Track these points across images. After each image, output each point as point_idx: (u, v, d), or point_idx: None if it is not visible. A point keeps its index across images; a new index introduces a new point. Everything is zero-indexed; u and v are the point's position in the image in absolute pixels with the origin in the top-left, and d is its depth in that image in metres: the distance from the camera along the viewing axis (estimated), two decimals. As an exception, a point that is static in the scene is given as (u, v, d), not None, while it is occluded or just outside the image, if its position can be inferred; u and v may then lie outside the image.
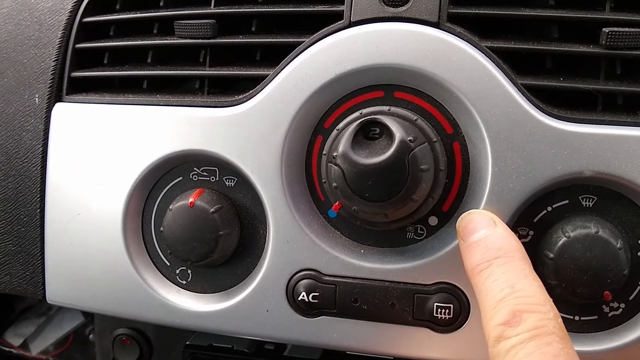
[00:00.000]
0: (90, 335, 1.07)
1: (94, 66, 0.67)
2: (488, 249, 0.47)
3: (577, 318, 0.54)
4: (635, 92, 0.52)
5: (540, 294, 0.44)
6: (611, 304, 0.53)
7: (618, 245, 0.49)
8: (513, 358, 0.40)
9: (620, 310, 0.53)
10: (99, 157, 0.62)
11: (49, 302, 0.67)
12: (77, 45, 0.66)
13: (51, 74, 0.66)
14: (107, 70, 0.66)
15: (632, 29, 0.52)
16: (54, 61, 0.66)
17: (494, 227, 0.49)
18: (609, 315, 0.54)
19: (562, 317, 0.53)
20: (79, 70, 0.66)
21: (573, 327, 0.54)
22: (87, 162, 0.63)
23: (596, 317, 0.54)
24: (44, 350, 1.07)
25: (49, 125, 0.65)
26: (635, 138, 0.50)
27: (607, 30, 0.52)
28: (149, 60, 0.65)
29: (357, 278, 0.56)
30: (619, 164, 0.50)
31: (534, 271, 0.46)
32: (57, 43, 0.66)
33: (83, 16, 0.67)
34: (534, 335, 0.41)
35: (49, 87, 0.66)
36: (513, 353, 0.40)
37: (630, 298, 0.53)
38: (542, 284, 0.45)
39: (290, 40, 0.57)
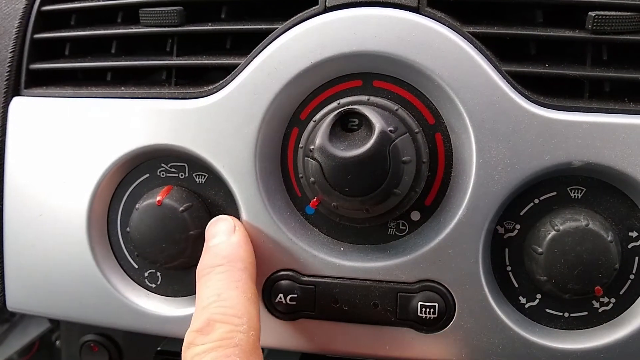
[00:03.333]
0: (57, 342, 1.04)
1: (55, 58, 0.64)
2: (215, 256, 0.49)
3: (566, 315, 0.53)
4: (623, 78, 0.51)
5: (241, 306, 0.45)
6: (601, 299, 0.52)
7: (609, 238, 0.48)
8: None
9: (611, 305, 0.52)
10: (61, 154, 0.60)
11: (9, 309, 0.64)
12: (36, 36, 0.64)
13: (8, 66, 0.63)
14: (68, 61, 0.63)
15: (619, 13, 0.50)
16: (10, 52, 0.63)
17: (229, 235, 0.51)
18: (600, 310, 0.52)
19: (550, 313, 0.53)
20: (38, 62, 0.64)
21: (562, 324, 0.53)
22: (48, 159, 0.60)
23: (586, 313, 0.53)
24: (7, 359, 1.04)
25: (7, 120, 0.62)
26: (624, 126, 0.49)
27: (594, 14, 0.50)
28: (113, 51, 0.63)
29: (337, 278, 0.54)
30: (608, 153, 0.49)
31: (252, 283, 0.48)
32: (13, 33, 0.63)
33: (42, 4, 0.64)
34: (217, 346, 0.43)
35: (6, 81, 0.63)
36: None
37: (621, 292, 0.52)
38: (253, 296, 0.47)
39: (263, 27, 0.55)
